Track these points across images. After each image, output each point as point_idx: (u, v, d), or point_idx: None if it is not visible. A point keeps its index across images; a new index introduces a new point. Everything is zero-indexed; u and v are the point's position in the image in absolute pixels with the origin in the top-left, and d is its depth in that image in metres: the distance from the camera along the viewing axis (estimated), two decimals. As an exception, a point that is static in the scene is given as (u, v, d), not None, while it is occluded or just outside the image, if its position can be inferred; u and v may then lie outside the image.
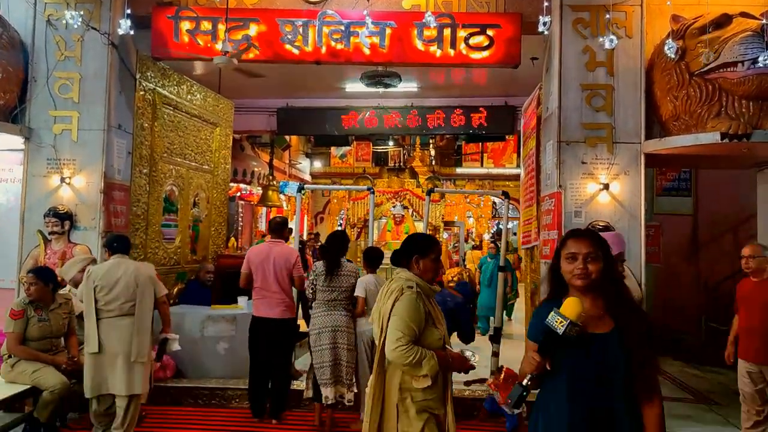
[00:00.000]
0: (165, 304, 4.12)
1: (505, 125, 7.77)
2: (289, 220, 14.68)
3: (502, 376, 2.10)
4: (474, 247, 13.97)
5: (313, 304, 4.43)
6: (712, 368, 5.93)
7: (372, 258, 4.62)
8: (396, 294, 2.47)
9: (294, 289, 4.76)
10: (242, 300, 5.52)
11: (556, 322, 1.73)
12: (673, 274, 6.78)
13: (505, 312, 7.84)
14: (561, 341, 1.75)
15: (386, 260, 4.27)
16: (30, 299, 4.03)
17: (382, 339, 2.46)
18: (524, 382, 1.80)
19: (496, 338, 5.35)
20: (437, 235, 11.14)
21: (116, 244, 4.07)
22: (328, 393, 4.23)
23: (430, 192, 6.10)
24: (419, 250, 2.61)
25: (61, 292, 4.47)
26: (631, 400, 1.78)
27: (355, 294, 4.40)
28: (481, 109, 7.67)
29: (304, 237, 12.98)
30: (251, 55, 5.09)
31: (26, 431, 3.95)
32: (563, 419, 1.81)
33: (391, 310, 2.43)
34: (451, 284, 5.59)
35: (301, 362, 6.00)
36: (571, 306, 1.76)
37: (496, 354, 5.27)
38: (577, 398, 1.79)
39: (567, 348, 1.78)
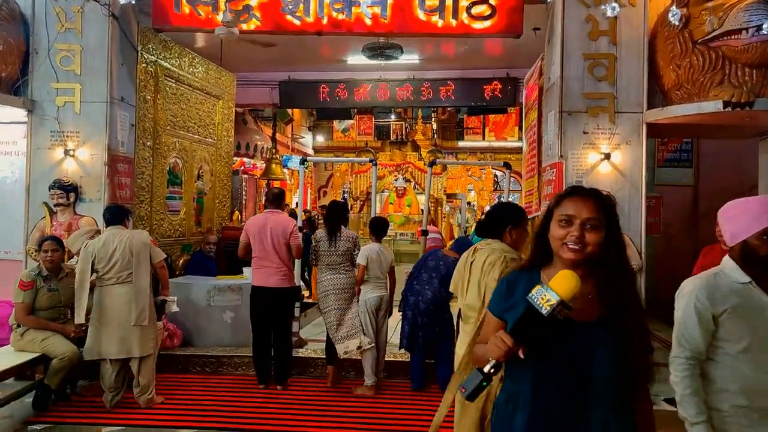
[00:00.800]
0: (163, 268, 4.34)
1: (507, 97, 7.73)
2: (291, 193, 14.71)
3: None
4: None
5: (318, 269, 4.75)
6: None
7: (377, 228, 4.79)
8: (500, 267, 2.40)
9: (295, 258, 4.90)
10: (247, 270, 5.60)
11: (541, 299, 1.34)
12: (673, 245, 6.82)
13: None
14: (541, 324, 1.35)
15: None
16: (48, 267, 4.16)
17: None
18: (486, 369, 1.38)
19: None
20: (439, 208, 11.19)
21: (109, 216, 4.23)
22: (341, 349, 4.57)
23: (432, 164, 6.12)
24: (513, 220, 2.52)
25: (69, 263, 4.57)
26: (619, 404, 1.45)
27: (357, 261, 4.62)
28: (477, 83, 7.62)
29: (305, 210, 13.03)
30: (252, 26, 5.06)
31: (37, 398, 4.07)
32: (534, 415, 1.47)
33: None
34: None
35: (307, 331, 6.12)
36: (564, 281, 1.36)
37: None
38: (549, 400, 1.45)
39: (544, 334, 1.39)
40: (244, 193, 13.40)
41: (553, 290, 1.34)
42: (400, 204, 11.04)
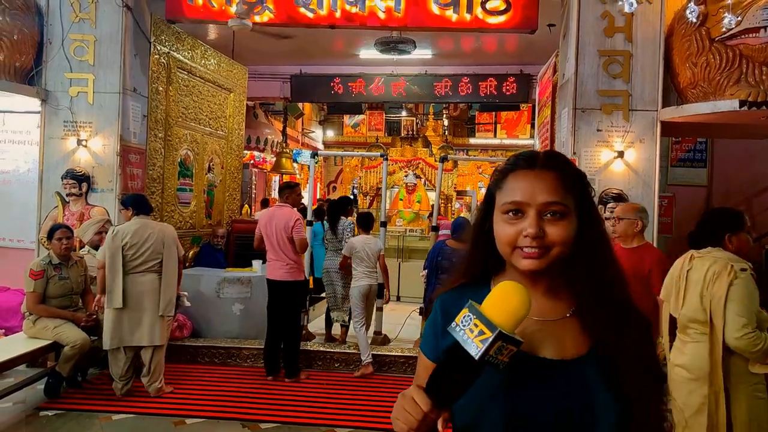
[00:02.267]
0: (180, 264, 4.34)
1: (520, 94, 7.68)
2: (302, 188, 14.75)
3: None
4: None
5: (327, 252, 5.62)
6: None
7: (364, 221, 5.32)
8: (729, 277, 2.30)
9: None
10: (256, 263, 5.63)
11: (470, 331, 0.82)
12: (685, 246, 6.77)
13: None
14: (473, 372, 0.82)
15: (394, 228, 4.48)
16: (62, 254, 4.20)
17: (720, 325, 2.30)
18: None
19: None
20: (449, 205, 11.17)
21: (137, 206, 4.28)
22: (334, 316, 5.46)
23: (443, 159, 6.10)
24: (730, 226, 2.42)
25: (81, 252, 4.61)
26: None
27: (342, 252, 5.19)
28: (490, 79, 7.58)
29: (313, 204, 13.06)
30: (265, 18, 5.06)
31: (49, 385, 4.11)
32: None
33: (727, 295, 2.28)
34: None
35: (315, 325, 6.13)
36: (504, 299, 0.84)
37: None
38: None
39: (500, 386, 0.91)
40: (253, 186, 13.45)
41: (486, 316, 0.82)
42: (410, 200, 11.05)
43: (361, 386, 4.64)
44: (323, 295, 5.75)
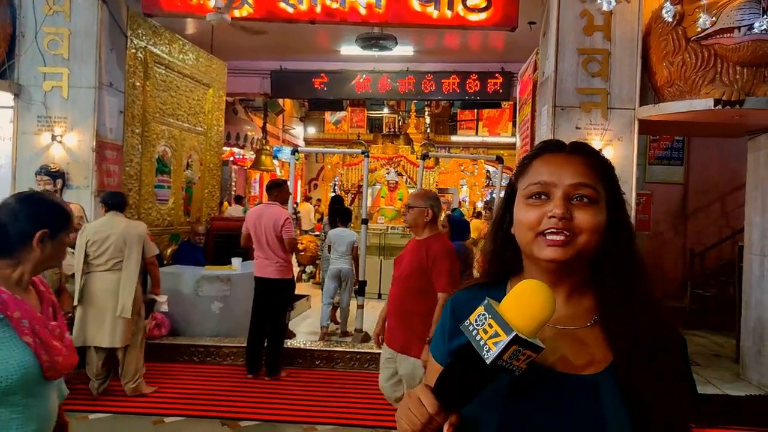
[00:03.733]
0: (153, 265, 4.28)
1: (501, 91, 7.72)
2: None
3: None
4: (476, 215, 13.31)
5: None
6: (695, 332, 6.13)
7: (343, 216, 5.97)
8: None
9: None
10: (236, 261, 5.57)
11: (483, 332, 0.75)
12: (661, 243, 6.88)
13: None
14: (488, 376, 0.76)
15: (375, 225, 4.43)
16: None
17: None
18: None
19: None
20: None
21: (111, 201, 4.18)
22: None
23: (424, 157, 6.11)
24: None
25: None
26: None
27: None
28: (472, 76, 7.61)
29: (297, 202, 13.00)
30: (244, 13, 5.00)
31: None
32: None
33: None
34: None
35: (296, 323, 6.10)
36: (525, 300, 0.76)
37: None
38: None
39: (503, 395, 0.84)
40: (233, 184, 13.33)
41: (503, 317, 0.75)
42: (391, 198, 11.04)
43: (342, 383, 4.63)
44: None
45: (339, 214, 6.05)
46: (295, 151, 5.97)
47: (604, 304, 0.87)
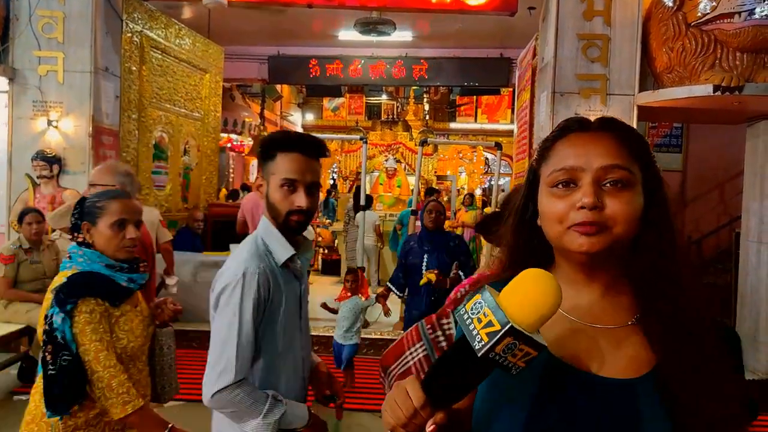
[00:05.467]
0: (168, 251, 4.35)
1: (500, 77, 7.68)
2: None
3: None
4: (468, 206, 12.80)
5: None
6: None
7: (366, 202, 6.41)
8: None
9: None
10: (234, 247, 5.57)
11: (477, 321, 0.69)
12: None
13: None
14: (479, 371, 0.71)
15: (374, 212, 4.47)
16: (32, 239, 4.10)
17: None
18: None
19: None
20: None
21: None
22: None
23: (422, 143, 6.09)
24: None
25: (52, 237, 4.51)
26: None
27: None
28: (471, 63, 7.56)
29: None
30: (241, -3, 4.95)
31: (22, 369, 4.04)
32: None
33: None
34: None
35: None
36: (526, 289, 0.69)
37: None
38: None
39: (531, 395, 0.78)
40: (231, 170, 13.29)
41: (500, 306, 0.68)
42: (390, 184, 11.03)
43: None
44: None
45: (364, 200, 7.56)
46: (292, 137, 5.95)
47: (645, 301, 0.78)
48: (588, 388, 0.75)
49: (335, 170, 13.62)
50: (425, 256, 3.76)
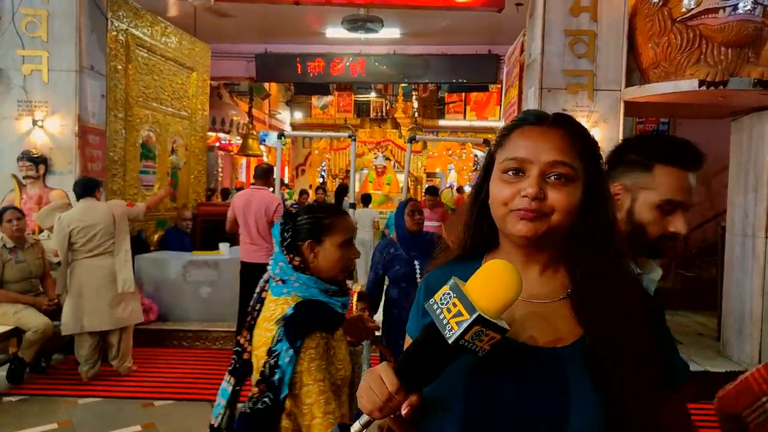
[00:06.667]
0: (152, 206, 4.75)
1: (488, 74, 7.71)
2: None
3: None
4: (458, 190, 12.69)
5: None
6: (679, 311, 6.25)
7: (364, 200, 7.26)
8: None
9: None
10: (223, 246, 5.55)
11: (447, 311, 0.74)
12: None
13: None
14: (449, 356, 0.76)
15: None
16: (14, 237, 4.06)
17: None
18: (353, 428, 0.80)
19: None
20: (419, 187, 11.21)
21: (80, 189, 4.18)
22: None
23: (411, 140, 6.08)
24: None
25: (39, 238, 4.46)
26: None
27: None
28: (459, 59, 7.58)
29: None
30: (228, -6, 4.92)
31: (12, 371, 4.00)
32: None
33: None
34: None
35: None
36: (492, 280, 0.75)
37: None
38: None
39: (470, 369, 0.83)
40: (220, 170, 13.21)
41: (468, 296, 0.73)
42: (379, 182, 11.03)
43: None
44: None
45: (362, 198, 8.17)
46: (282, 135, 5.92)
47: (575, 279, 0.87)
48: (522, 356, 0.83)
49: (324, 168, 13.59)
50: (416, 262, 3.33)
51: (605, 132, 4.76)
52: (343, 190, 9.10)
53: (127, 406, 3.73)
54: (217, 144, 11.60)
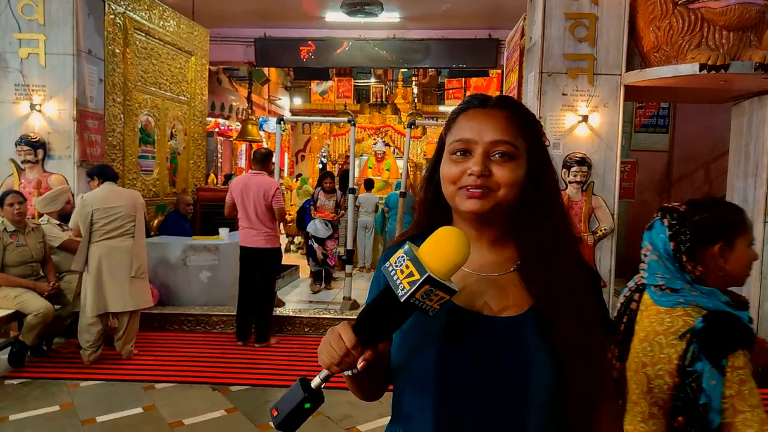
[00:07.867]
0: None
1: (488, 59, 7.66)
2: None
3: None
4: None
5: None
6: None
7: (367, 184, 7.78)
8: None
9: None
10: (223, 231, 5.56)
11: (400, 273, 0.80)
12: (645, 210, 6.98)
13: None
14: (402, 314, 0.82)
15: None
16: (15, 220, 4.08)
17: None
18: (313, 383, 0.91)
19: None
20: (418, 173, 11.19)
21: (107, 172, 4.27)
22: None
23: (410, 125, 6.07)
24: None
25: (40, 223, 4.47)
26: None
27: None
28: (459, 44, 7.52)
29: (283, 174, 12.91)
30: (226, -23, 4.86)
31: (13, 354, 4.03)
32: None
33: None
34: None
35: (285, 291, 6.13)
36: (441, 243, 0.81)
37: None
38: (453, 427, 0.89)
39: (436, 340, 0.90)
40: (219, 155, 13.19)
41: (419, 259, 0.79)
42: (379, 168, 11.01)
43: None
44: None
45: (366, 183, 8.19)
46: (281, 121, 5.90)
47: (523, 252, 0.94)
48: (482, 327, 0.90)
49: (324, 154, 13.56)
50: None
51: (605, 116, 4.74)
52: (347, 176, 9.16)
53: (128, 389, 3.76)
54: (217, 129, 11.56)
